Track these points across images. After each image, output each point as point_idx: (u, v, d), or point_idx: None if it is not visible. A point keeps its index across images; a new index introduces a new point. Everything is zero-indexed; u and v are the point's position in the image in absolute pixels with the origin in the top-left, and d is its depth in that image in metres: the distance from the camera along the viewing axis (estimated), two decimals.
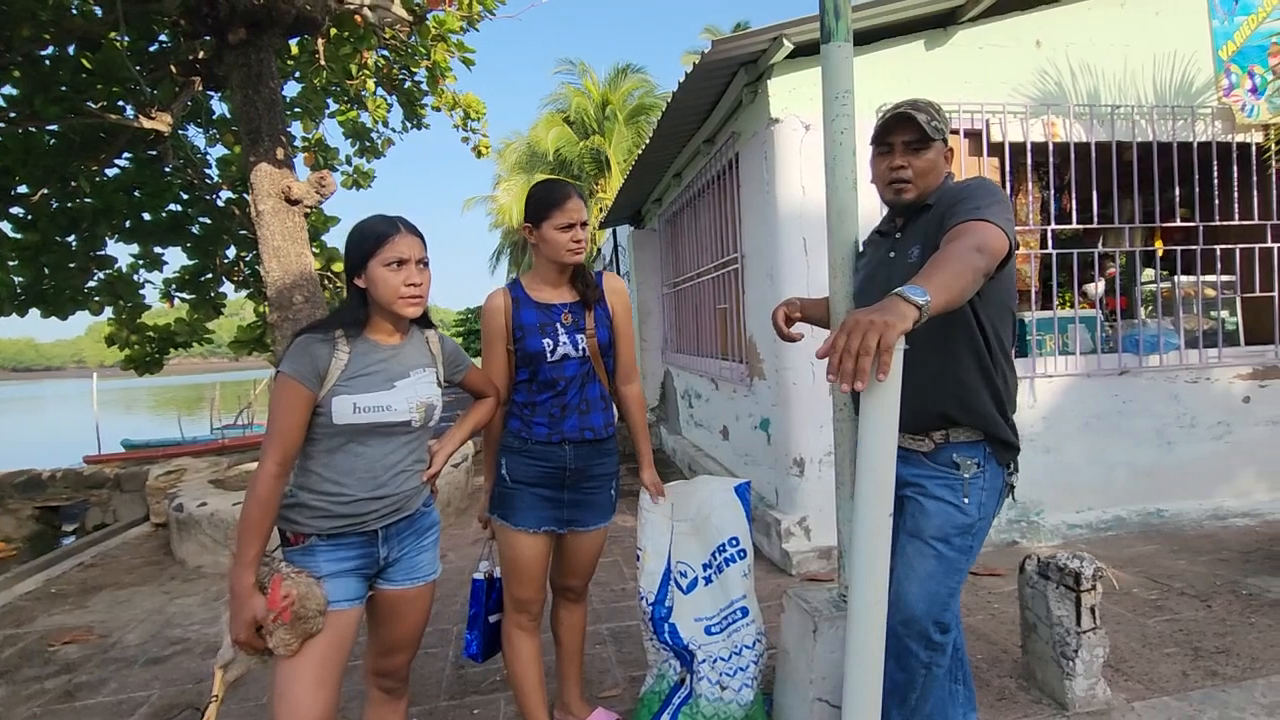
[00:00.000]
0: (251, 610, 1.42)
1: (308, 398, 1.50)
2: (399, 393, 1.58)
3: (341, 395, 1.51)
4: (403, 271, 1.55)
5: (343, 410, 1.51)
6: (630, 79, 19.44)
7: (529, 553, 1.97)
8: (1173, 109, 3.91)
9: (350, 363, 1.54)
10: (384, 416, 1.55)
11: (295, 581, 1.44)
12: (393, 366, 1.60)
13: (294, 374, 1.49)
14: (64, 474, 6.66)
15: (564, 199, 1.90)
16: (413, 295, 1.56)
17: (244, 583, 1.43)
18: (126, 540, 5.05)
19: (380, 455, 1.58)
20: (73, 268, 6.56)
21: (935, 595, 1.62)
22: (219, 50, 5.29)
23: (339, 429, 1.52)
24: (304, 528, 1.54)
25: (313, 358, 1.50)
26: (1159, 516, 3.87)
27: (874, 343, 1.11)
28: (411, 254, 1.56)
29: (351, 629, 1.56)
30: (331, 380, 1.51)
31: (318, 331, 1.55)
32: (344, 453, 1.55)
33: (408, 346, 1.66)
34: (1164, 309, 4.09)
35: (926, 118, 1.65)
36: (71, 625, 3.45)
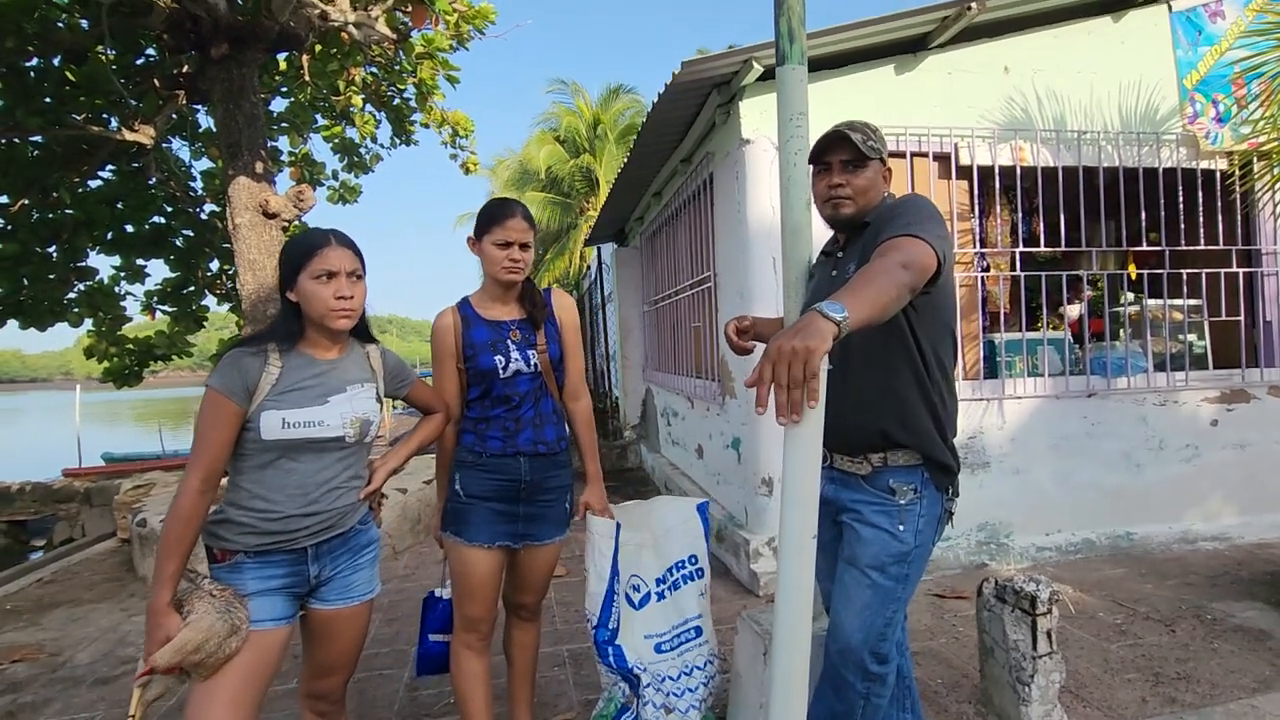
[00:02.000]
0: (165, 630, 1.38)
1: (235, 413, 1.47)
2: (332, 408, 1.55)
3: (270, 410, 1.48)
4: (332, 284, 1.52)
5: (271, 425, 1.48)
6: (622, 99, 19.62)
7: (481, 569, 1.94)
8: (1138, 135, 3.97)
9: (282, 377, 1.52)
10: (315, 432, 1.53)
11: (198, 614, 1.40)
12: (328, 381, 1.58)
13: (221, 388, 1.46)
14: (32, 487, 6.55)
15: (506, 217, 1.90)
16: (343, 309, 1.54)
17: (160, 601, 1.39)
18: (90, 556, 4.96)
19: (312, 471, 1.55)
20: (52, 279, 6.51)
21: (871, 625, 1.60)
22: (202, 65, 5.31)
23: (268, 444, 1.49)
24: (231, 544, 1.51)
25: (241, 372, 1.48)
26: (1128, 539, 3.86)
27: (800, 373, 1.11)
28: (342, 266, 1.54)
29: (276, 649, 1.52)
30: (261, 395, 1.49)
31: (249, 345, 1.53)
32: (274, 468, 1.52)
33: (345, 361, 1.64)
34: (1133, 332, 4.12)
35: (862, 137, 1.68)
36: (23, 643, 3.37)
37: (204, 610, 1.40)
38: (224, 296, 7.70)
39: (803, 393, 1.11)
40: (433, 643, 2.10)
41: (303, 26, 5.23)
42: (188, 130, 7.37)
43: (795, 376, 1.10)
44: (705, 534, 2.11)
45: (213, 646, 1.39)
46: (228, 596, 1.45)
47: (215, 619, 1.40)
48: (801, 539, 1.24)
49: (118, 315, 7.11)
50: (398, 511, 4.54)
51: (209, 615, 1.40)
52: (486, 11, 6.77)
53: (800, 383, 1.10)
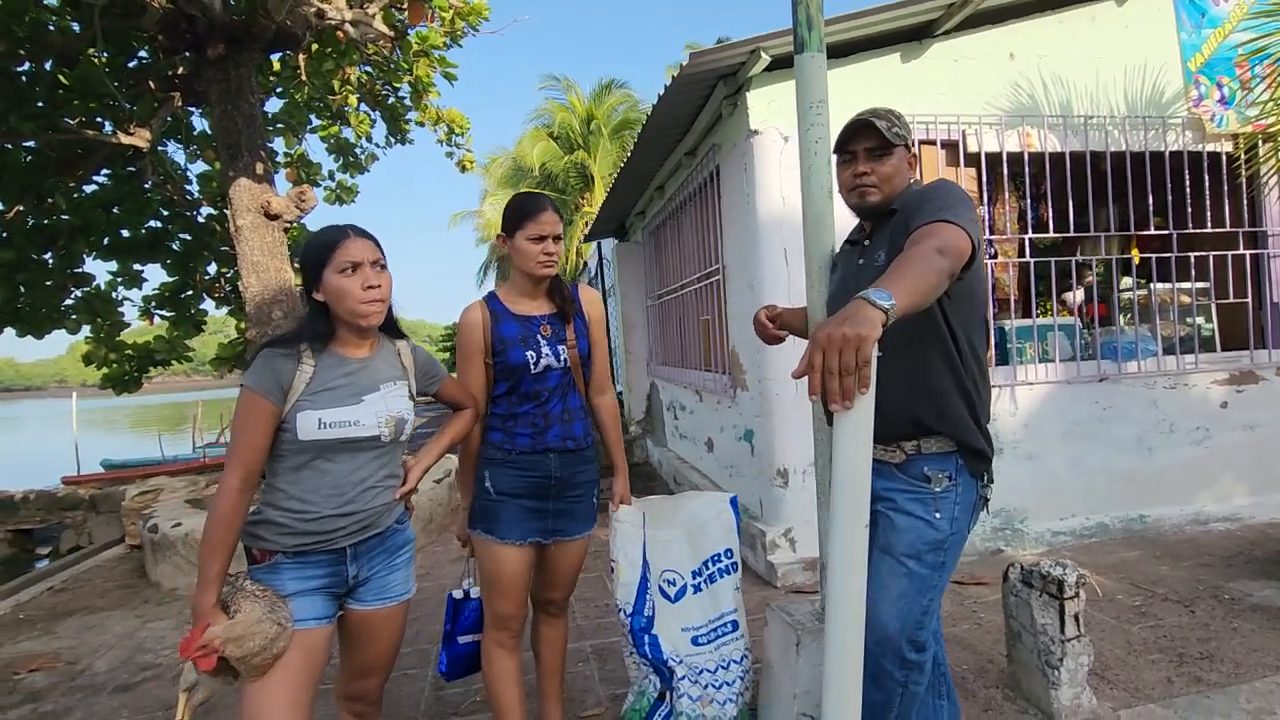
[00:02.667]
0: (212, 629, 1.37)
1: (271, 412, 1.46)
2: (367, 407, 1.54)
3: (306, 410, 1.47)
4: (359, 275, 1.51)
5: (307, 426, 1.47)
6: (614, 94, 19.57)
7: (513, 566, 1.93)
8: (1144, 119, 3.97)
9: (315, 376, 1.50)
10: (351, 432, 1.51)
11: (249, 603, 1.40)
12: (361, 380, 1.56)
13: (257, 388, 1.45)
14: (37, 496, 6.51)
15: (538, 211, 1.88)
16: (373, 298, 1.52)
17: (206, 602, 1.39)
18: (100, 563, 4.94)
19: (348, 471, 1.54)
20: (49, 286, 6.45)
21: (909, 614, 1.60)
22: (198, 66, 5.27)
23: (304, 445, 1.48)
24: (269, 545, 1.50)
25: (276, 371, 1.47)
26: (1141, 522, 3.88)
27: (852, 360, 1.10)
28: (365, 256, 1.52)
29: (323, 648, 1.52)
30: (296, 395, 1.47)
31: (281, 346, 1.51)
32: (310, 469, 1.51)
33: (377, 359, 1.62)
34: (1141, 316, 4.13)
35: (887, 124, 1.67)
36: (39, 652, 3.35)
37: (249, 608, 1.39)
38: (223, 300, 7.65)
39: (855, 380, 1.10)
40: (462, 645, 2.08)
41: (300, 25, 5.19)
42: (183, 133, 7.30)
43: (847, 363, 1.09)
44: (737, 528, 2.11)
45: (260, 643, 1.38)
46: (270, 596, 1.44)
47: (262, 615, 1.40)
48: (853, 530, 1.23)
49: (116, 321, 7.06)
50: None
51: (255, 611, 1.40)
52: (480, 8, 6.73)
53: (852, 370, 1.10)
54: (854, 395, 1.11)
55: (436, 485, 4.93)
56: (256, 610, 1.40)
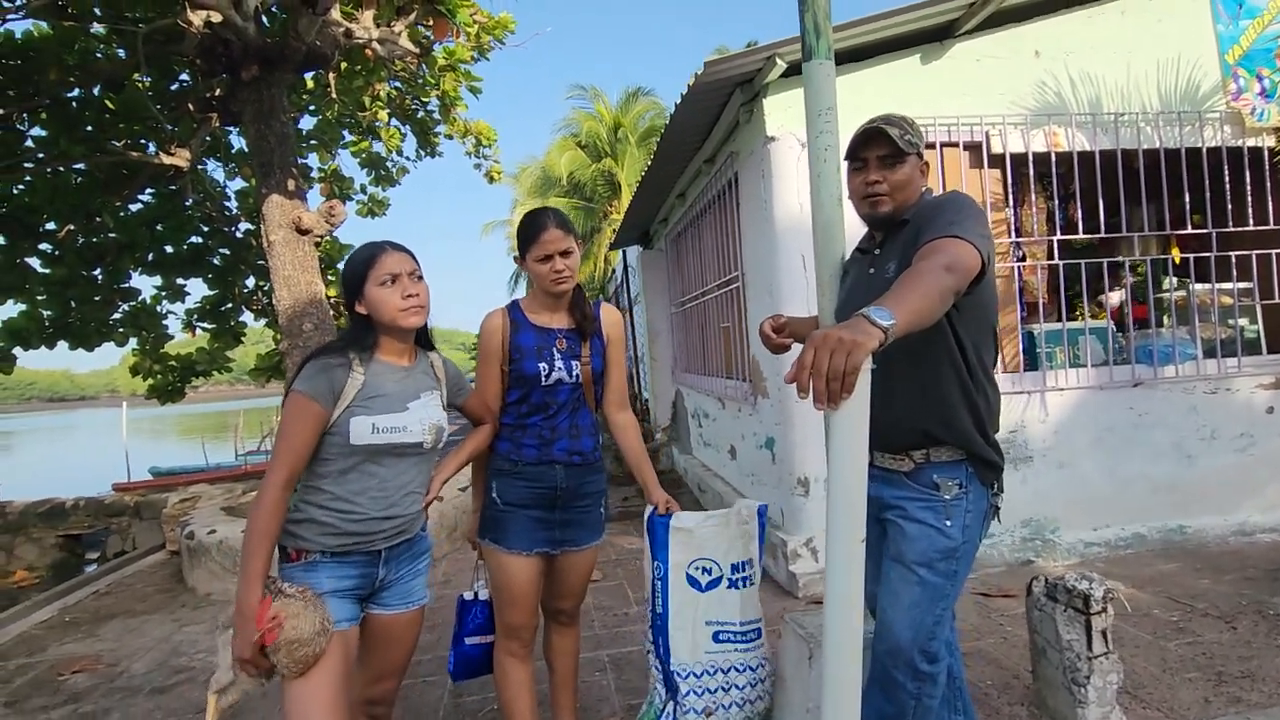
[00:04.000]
0: (259, 621, 1.40)
1: (321, 416, 1.51)
2: (413, 414, 1.61)
3: (360, 416, 1.54)
4: (398, 285, 1.58)
5: (361, 431, 1.53)
6: (641, 102, 19.66)
7: (521, 576, 1.95)
8: (1179, 115, 3.84)
9: (366, 384, 1.57)
10: (401, 437, 1.58)
11: (290, 602, 1.43)
12: (406, 388, 1.64)
13: (310, 392, 1.50)
14: (85, 502, 6.79)
15: (539, 231, 1.90)
16: (413, 305, 1.59)
17: (252, 599, 1.40)
18: (142, 568, 5.12)
19: (393, 475, 1.60)
20: (98, 300, 6.75)
21: (920, 623, 1.57)
22: (233, 87, 5.45)
23: (356, 449, 1.54)
24: (310, 544, 1.55)
25: (330, 378, 1.53)
26: (1180, 533, 3.73)
27: (841, 363, 1.09)
28: (402, 268, 1.60)
29: (354, 649, 1.59)
30: (347, 400, 1.54)
31: (332, 354, 1.58)
32: (358, 472, 1.57)
33: (417, 369, 1.70)
34: (1179, 318, 3.98)
35: (899, 132, 1.65)
36: (82, 654, 3.49)
37: (295, 608, 1.42)
38: (260, 312, 7.90)
39: (841, 385, 1.10)
40: (469, 646, 2.10)
41: (328, 45, 5.34)
42: (221, 151, 7.57)
43: (836, 366, 1.09)
44: (760, 539, 2.10)
45: (307, 630, 1.42)
46: (309, 596, 1.48)
47: (307, 613, 1.43)
48: (850, 544, 1.22)
49: (160, 334, 7.35)
50: (435, 519, 4.60)
51: (301, 610, 1.42)
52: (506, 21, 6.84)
53: (840, 375, 1.09)
54: (839, 399, 1.10)
55: (462, 493, 5.00)
56: (303, 610, 1.43)
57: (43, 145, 5.84)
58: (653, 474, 2.15)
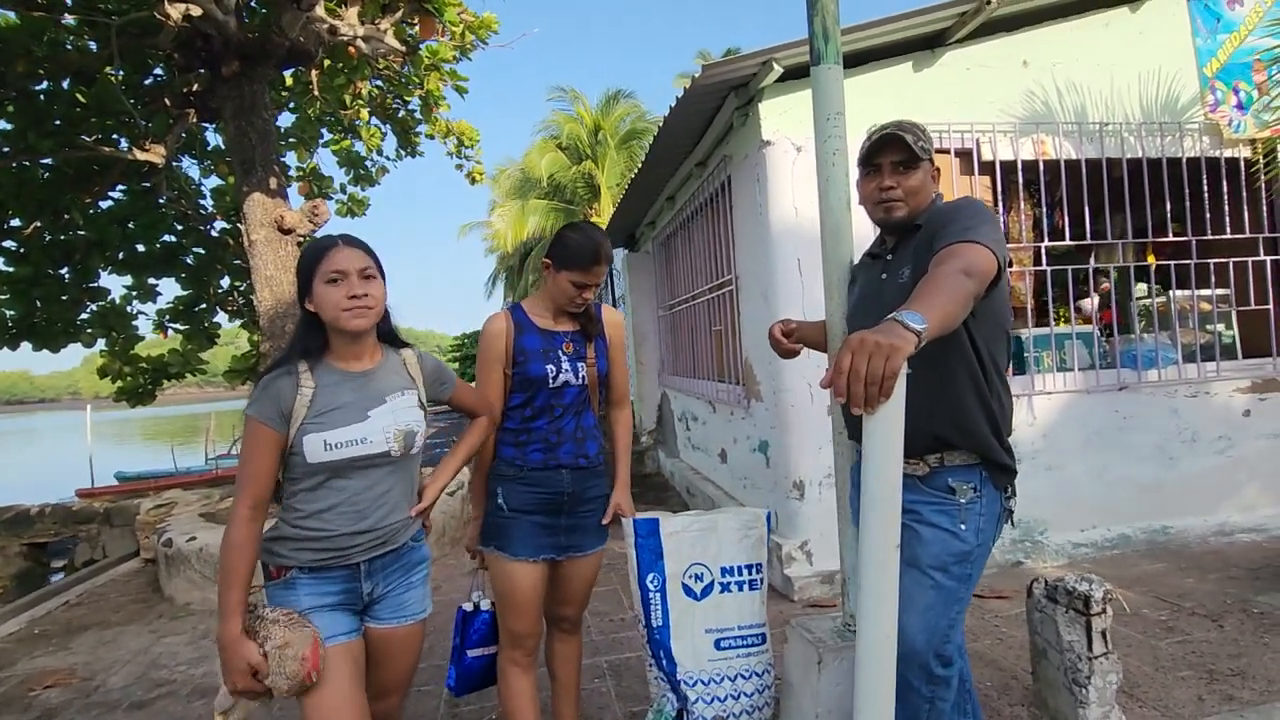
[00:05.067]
0: (244, 658, 1.37)
1: (274, 439, 1.46)
2: (374, 423, 1.52)
3: (312, 433, 1.46)
4: (344, 285, 1.48)
5: (314, 449, 1.46)
6: (622, 105, 19.66)
7: (527, 583, 1.91)
8: (1160, 125, 3.94)
9: (317, 397, 1.48)
10: (359, 450, 1.49)
11: (273, 627, 1.39)
12: (366, 394, 1.54)
13: (258, 416, 1.45)
14: (52, 509, 6.55)
15: (592, 263, 1.87)
16: (356, 306, 1.48)
17: (231, 631, 1.38)
18: (115, 577, 4.94)
19: (363, 488, 1.52)
20: (65, 300, 6.52)
21: (935, 627, 1.57)
22: (213, 83, 5.33)
23: (314, 467, 1.47)
24: (286, 560, 1.50)
25: (275, 398, 1.46)
26: (1164, 534, 3.81)
27: (880, 367, 1.09)
28: (351, 266, 1.49)
29: (359, 660, 1.53)
30: (299, 418, 1.46)
31: (280, 367, 1.50)
32: (326, 488, 1.50)
33: (380, 370, 1.59)
34: (1160, 324, 4.08)
35: (913, 138, 1.65)
36: (54, 668, 3.34)
37: (280, 634, 1.38)
38: (235, 313, 7.71)
39: (879, 389, 1.09)
40: (471, 659, 2.05)
41: (312, 42, 5.24)
42: (197, 148, 7.39)
43: (875, 370, 1.09)
44: (768, 545, 2.09)
45: (294, 666, 1.37)
46: (294, 618, 1.42)
47: (292, 635, 1.39)
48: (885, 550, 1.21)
49: (130, 334, 7.12)
50: None
51: (285, 633, 1.38)
52: (489, 21, 6.78)
53: (879, 379, 1.09)
54: (876, 403, 1.11)
55: (449, 498, 4.92)
56: (284, 631, 1.39)
57: (8, 139, 5.63)
58: (626, 474, 2.12)
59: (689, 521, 2.08)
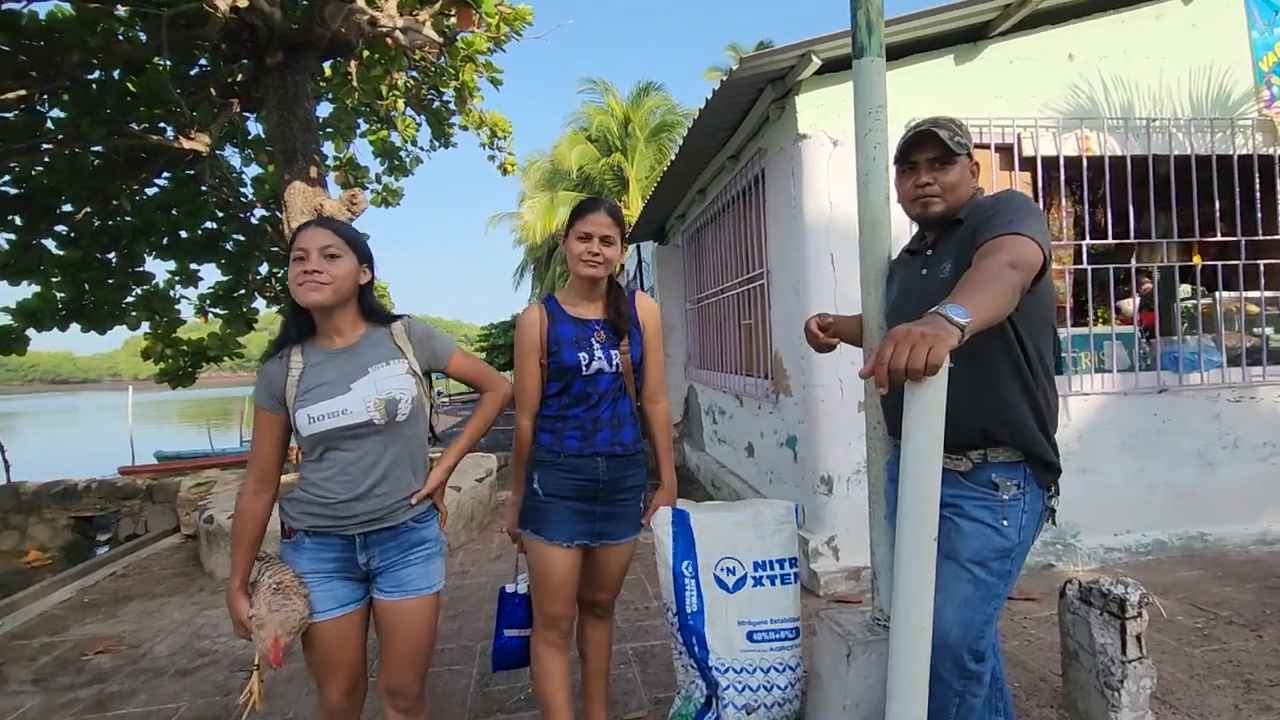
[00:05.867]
0: (238, 614, 1.57)
1: (272, 420, 1.62)
2: (355, 394, 1.59)
3: (299, 410, 1.59)
4: (303, 261, 1.58)
5: (302, 423, 1.58)
6: (652, 97, 19.60)
7: (561, 567, 1.95)
8: (1211, 122, 3.83)
9: (305, 375, 1.61)
10: (340, 421, 1.58)
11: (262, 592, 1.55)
12: (349, 369, 1.63)
13: (257, 400, 1.64)
14: (98, 485, 6.81)
15: (591, 209, 1.92)
16: (308, 282, 1.56)
17: (232, 588, 1.60)
18: (157, 551, 5.13)
19: (356, 458, 1.61)
20: (112, 284, 6.75)
21: (971, 621, 1.57)
22: (256, 73, 5.45)
23: (308, 440, 1.60)
24: (295, 522, 1.63)
25: (268, 382, 1.62)
26: (1201, 540, 3.73)
27: (923, 356, 1.09)
28: (312, 244, 1.58)
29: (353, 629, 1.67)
30: (290, 397, 1.60)
31: (270, 357, 1.65)
32: (325, 459, 1.62)
33: (363, 344, 1.67)
34: (1204, 326, 3.98)
35: (949, 134, 1.64)
36: (104, 635, 3.49)
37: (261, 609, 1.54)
38: (273, 299, 7.90)
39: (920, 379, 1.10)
40: (508, 638, 2.12)
41: (353, 33, 5.33)
42: (238, 138, 7.56)
43: (917, 360, 1.08)
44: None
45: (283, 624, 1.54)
46: (282, 585, 1.56)
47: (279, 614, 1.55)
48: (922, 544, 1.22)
49: (173, 318, 7.34)
50: (452, 509, 4.61)
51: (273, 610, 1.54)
52: (524, 13, 6.82)
53: (920, 370, 1.09)
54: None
55: (478, 484, 5.01)
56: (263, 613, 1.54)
57: (62, 127, 5.83)
58: (671, 473, 2.15)
59: (720, 516, 2.09)
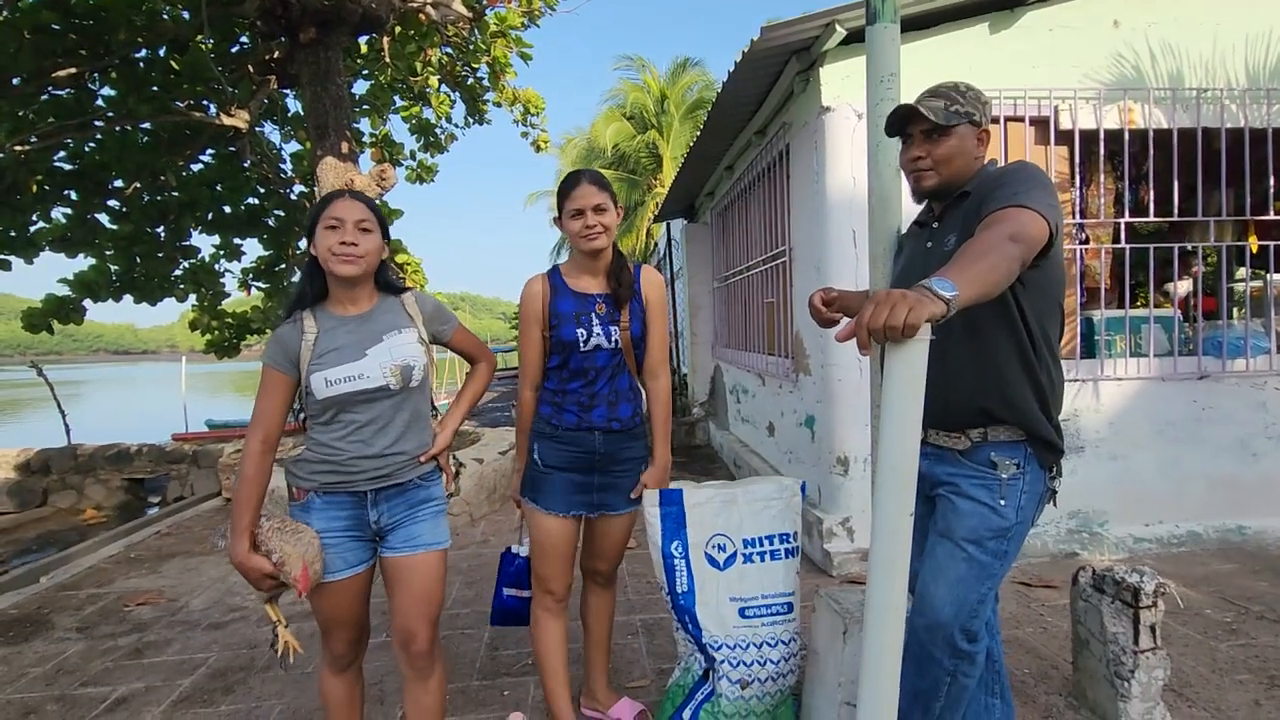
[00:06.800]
0: (257, 569, 1.58)
1: (282, 381, 1.65)
2: (371, 360, 1.65)
3: (315, 373, 1.62)
4: (338, 232, 1.61)
5: (319, 386, 1.62)
6: (690, 73, 19.30)
7: (556, 536, 2.00)
8: (1267, 92, 3.59)
9: (319, 340, 1.65)
10: (357, 385, 1.63)
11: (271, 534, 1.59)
12: (362, 334, 1.67)
13: (269, 361, 1.66)
14: (149, 449, 7.16)
15: (572, 186, 1.92)
16: (344, 254, 1.60)
17: (240, 550, 1.59)
18: (200, 512, 5.39)
19: (368, 420, 1.67)
20: (161, 257, 7.03)
21: (964, 601, 1.54)
22: (291, 50, 5.55)
23: (322, 403, 1.64)
24: (305, 482, 1.67)
25: (281, 343, 1.64)
26: (1239, 534, 3.58)
27: (900, 319, 1.07)
28: (348, 216, 1.61)
29: (362, 587, 1.73)
30: (305, 360, 1.63)
31: (284, 321, 1.68)
32: (337, 422, 1.67)
33: (377, 311, 1.72)
34: (1252, 309, 3.77)
35: (944, 104, 1.58)
36: (145, 588, 3.71)
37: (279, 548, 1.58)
38: None
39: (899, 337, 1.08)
40: (507, 596, 2.20)
41: (384, 8, 5.38)
42: (278, 114, 7.73)
43: (896, 316, 1.07)
44: (801, 514, 2.09)
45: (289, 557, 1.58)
46: (286, 525, 1.61)
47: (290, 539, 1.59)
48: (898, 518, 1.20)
49: (218, 291, 7.62)
50: (474, 481, 4.71)
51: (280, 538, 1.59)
52: None
53: (897, 329, 1.07)
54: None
55: (500, 457, 5.10)
56: (279, 537, 1.59)
57: (112, 105, 6.05)
58: (664, 449, 2.10)
59: (711, 494, 2.10)
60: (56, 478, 7.21)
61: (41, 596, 3.64)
